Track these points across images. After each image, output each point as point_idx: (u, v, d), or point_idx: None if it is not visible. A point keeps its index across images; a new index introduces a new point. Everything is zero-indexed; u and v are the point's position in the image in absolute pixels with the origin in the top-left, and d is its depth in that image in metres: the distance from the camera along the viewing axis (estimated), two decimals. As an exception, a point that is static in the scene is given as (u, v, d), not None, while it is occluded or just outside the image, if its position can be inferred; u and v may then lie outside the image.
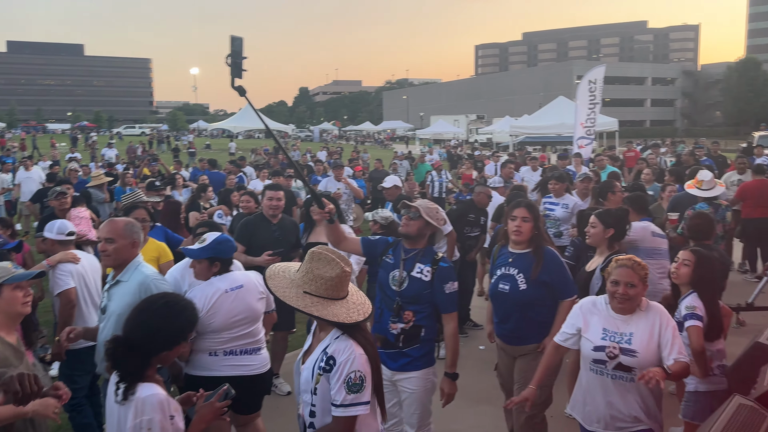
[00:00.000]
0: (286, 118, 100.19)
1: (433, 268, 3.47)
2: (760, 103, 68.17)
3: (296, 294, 2.33)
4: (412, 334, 3.46)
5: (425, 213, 3.50)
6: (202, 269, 3.60)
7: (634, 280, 2.95)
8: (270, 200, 5.34)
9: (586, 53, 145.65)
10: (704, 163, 11.99)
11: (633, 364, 2.92)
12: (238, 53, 3.11)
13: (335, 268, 2.33)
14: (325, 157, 28.51)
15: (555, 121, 21.78)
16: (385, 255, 3.61)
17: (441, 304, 3.49)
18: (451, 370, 3.52)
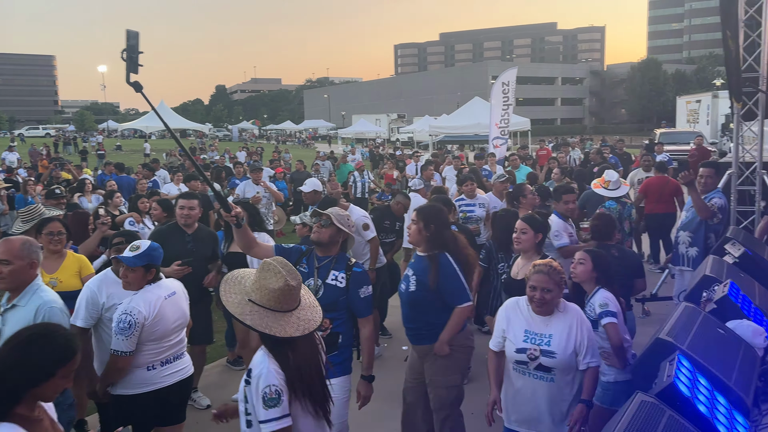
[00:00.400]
0: (202, 117, 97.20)
1: (347, 274, 3.51)
2: (660, 101, 72.63)
3: (240, 300, 2.33)
4: (329, 342, 3.44)
5: (336, 220, 3.53)
6: (137, 278, 3.49)
7: (550, 285, 3.08)
8: (182, 209, 5.11)
9: (500, 54, 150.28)
10: (610, 161, 12.67)
11: (552, 365, 3.06)
12: (134, 48, 3.05)
13: (279, 281, 2.33)
14: (244, 157, 27.85)
15: (471, 121, 22.36)
16: (299, 264, 3.57)
17: (357, 309, 3.53)
18: (367, 372, 3.57)
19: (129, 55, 3.03)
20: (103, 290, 3.73)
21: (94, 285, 3.77)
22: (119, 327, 3.35)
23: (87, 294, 3.71)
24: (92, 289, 3.73)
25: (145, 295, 3.48)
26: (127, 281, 3.51)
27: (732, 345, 3.13)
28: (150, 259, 3.49)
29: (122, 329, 3.34)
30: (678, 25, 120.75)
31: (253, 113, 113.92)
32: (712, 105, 27.03)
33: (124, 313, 3.38)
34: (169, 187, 11.26)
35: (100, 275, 3.89)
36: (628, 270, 4.64)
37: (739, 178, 7.55)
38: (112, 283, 3.78)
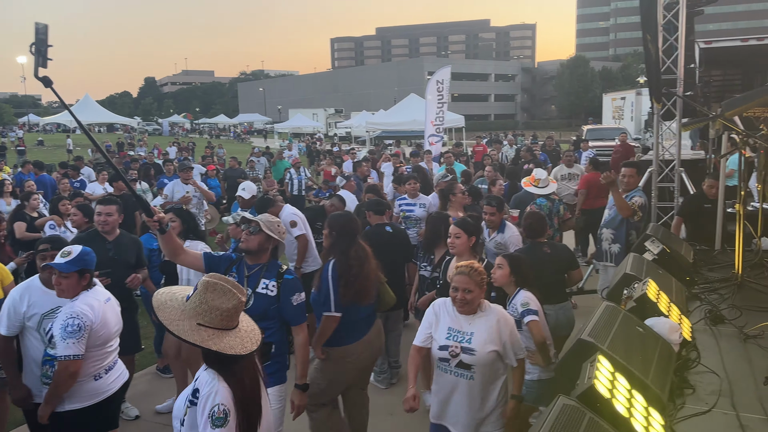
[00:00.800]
0: (131, 111, 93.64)
1: (278, 282, 3.44)
2: (588, 97, 75.44)
3: (190, 327, 2.23)
4: (262, 353, 3.39)
5: (266, 227, 3.47)
6: (71, 284, 3.38)
7: (471, 286, 3.15)
8: (99, 216, 4.90)
9: (435, 49, 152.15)
10: (540, 158, 13.06)
11: (472, 362, 3.13)
12: (43, 41, 2.93)
13: (232, 300, 2.26)
14: (175, 153, 27.04)
15: (408, 117, 22.52)
16: (229, 273, 3.49)
17: (290, 317, 3.48)
18: (301, 381, 3.53)
19: (38, 49, 2.91)
20: (25, 298, 3.65)
21: (17, 293, 3.71)
22: (67, 331, 3.23)
23: (9, 302, 3.65)
24: (14, 298, 3.66)
25: (86, 299, 3.39)
26: (60, 288, 3.40)
27: (650, 342, 3.28)
28: (83, 264, 3.39)
29: (71, 332, 3.23)
30: (605, 24, 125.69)
31: (184, 106, 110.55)
32: (636, 102, 28.24)
33: (71, 317, 3.26)
34: (94, 187, 10.81)
35: (25, 283, 3.80)
36: (563, 264, 4.79)
37: (659, 176, 7.91)
38: (36, 290, 3.70)
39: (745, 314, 4.24)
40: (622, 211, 5.81)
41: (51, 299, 3.65)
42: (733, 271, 5.22)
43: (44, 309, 3.64)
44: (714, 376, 3.33)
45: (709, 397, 3.09)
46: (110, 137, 50.69)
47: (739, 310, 4.28)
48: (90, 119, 45.89)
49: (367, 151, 23.32)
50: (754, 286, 4.87)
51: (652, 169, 7.93)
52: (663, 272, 4.67)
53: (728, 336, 3.94)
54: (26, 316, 3.62)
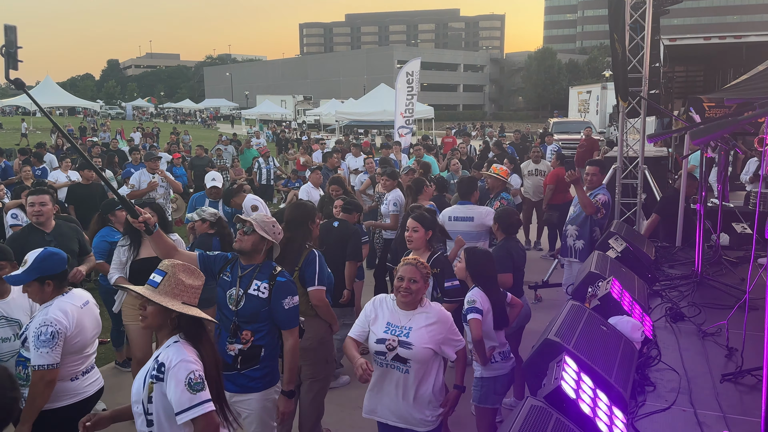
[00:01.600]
0: (93, 94, 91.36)
1: (270, 284, 3.34)
2: (555, 89, 76.42)
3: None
4: (250, 355, 3.33)
5: (259, 227, 3.37)
6: (35, 292, 3.26)
7: (416, 276, 3.19)
8: (32, 207, 4.82)
9: (405, 38, 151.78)
10: (508, 150, 13.21)
11: (408, 356, 3.15)
12: (12, 42, 2.92)
13: (199, 278, 2.60)
14: (139, 139, 26.47)
15: (377, 107, 22.50)
16: (224, 272, 3.42)
17: (280, 320, 3.37)
18: (287, 387, 3.42)
19: (8, 51, 2.90)
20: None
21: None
22: (40, 340, 3.11)
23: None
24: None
25: (60, 305, 3.26)
26: (30, 297, 3.34)
27: (613, 341, 3.39)
28: (41, 271, 3.24)
29: (45, 341, 3.12)
30: (572, 16, 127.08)
31: (148, 90, 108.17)
32: (601, 96, 28.74)
33: (44, 325, 3.14)
34: (57, 174, 10.51)
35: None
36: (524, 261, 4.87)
37: (623, 173, 8.10)
38: None
39: (704, 311, 4.41)
40: (586, 208, 5.94)
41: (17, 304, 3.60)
42: (692, 269, 5.41)
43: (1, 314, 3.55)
44: (674, 374, 3.46)
45: (669, 395, 3.21)
46: (72, 121, 49.33)
47: (698, 308, 4.45)
48: (51, 102, 44.55)
49: (335, 141, 23.27)
50: (713, 283, 5.05)
51: (617, 165, 8.12)
52: (626, 270, 4.81)
53: (688, 333, 4.09)
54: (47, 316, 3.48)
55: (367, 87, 64.86)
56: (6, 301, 3.59)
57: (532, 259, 9.62)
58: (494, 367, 3.64)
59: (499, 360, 3.68)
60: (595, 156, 14.42)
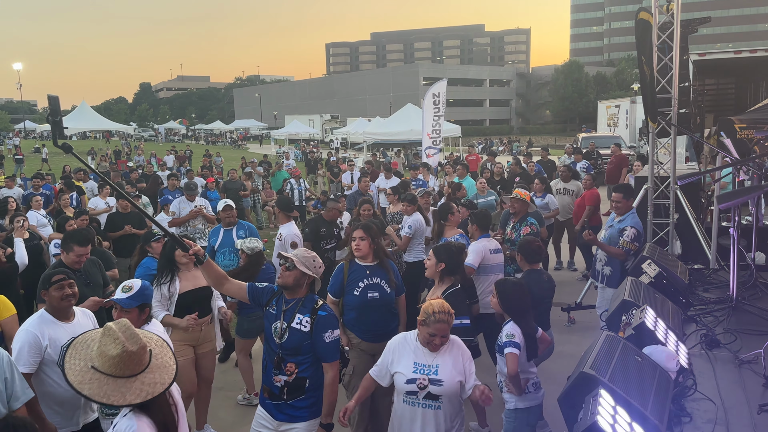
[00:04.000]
0: (126, 117, 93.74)
1: (312, 317, 3.44)
2: (583, 102, 75.81)
3: (82, 367, 2.30)
4: (295, 386, 3.44)
5: (300, 263, 3.46)
6: (132, 319, 3.34)
7: (448, 331, 3.29)
8: (79, 257, 4.85)
9: (430, 54, 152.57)
10: (536, 169, 13.19)
11: (440, 393, 3.24)
12: (56, 111, 3.14)
13: (117, 347, 2.28)
14: (172, 162, 27.08)
15: (405, 127, 22.72)
16: (269, 305, 3.54)
17: (321, 353, 3.44)
18: (326, 420, 3.46)
19: (53, 120, 3.14)
20: (45, 333, 3.57)
21: (34, 328, 3.58)
22: None
23: (26, 338, 3.52)
24: (33, 333, 3.55)
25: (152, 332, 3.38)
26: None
27: (648, 371, 3.41)
28: (144, 298, 3.41)
29: None
30: (599, 29, 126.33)
31: (180, 112, 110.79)
32: (630, 110, 28.48)
33: None
34: (97, 201, 10.76)
35: (35, 318, 3.69)
36: (552, 291, 4.90)
37: (654, 193, 8.07)
38: (50, 324, 3.63)
39: (740, 338, 4.39)
40: (616, 257, 5.89)
41: (65, 331, 3.64)
42: (727, 293, 5.37)
43: (62, 341, 3.57)
44: (710, 404, 3.46)
45: (705, 426, 3.23)
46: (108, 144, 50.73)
47: (734, 335, 4.43)
48: (87, 126, 46.14)
49: (364, 161, 23.46)
50: (749, 308, 5.02)
51: (648, 186, 8.09)
52: (659, 296, 4.81)
53: (723, 361, 4.08)
54: (47, 352, 3.55)
55: (394, 104, 65.52)
56: (72, 324, 3.70)
57: (565, 280, 9.63)
58: (528, 398, 3.70)
59: (532, 390, 3.75)
60: (624, 173, 14.30)
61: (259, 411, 3.61)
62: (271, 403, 3.50)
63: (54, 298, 3.68)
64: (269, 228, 14.94)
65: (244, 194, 14.47)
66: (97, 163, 27.90)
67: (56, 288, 3.69)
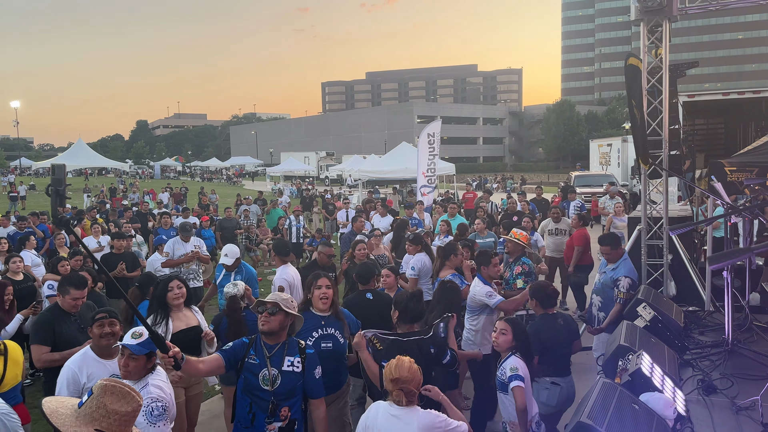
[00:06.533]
0: (122, 154, 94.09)
1: (302, 357, 3.51)
2: (575, 140, 76.74)
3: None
4: (288, 431, 3.46)
5: (284, 306, 3.50)
6: (138, 366, 3.31)
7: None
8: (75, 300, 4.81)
9: (424, 93, 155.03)
10: (530, 208, 13.29)
11: None
12: (59, 181, 3.13)
13: (131, 402, 2.25)
14: (167, 199, 27.13)
15: (399, 165, 22.91)
16: (248, 357, 3.50)
17: (312, 390, 3.53)
18: None
19: (55, 189, 3.11)
20: (83, 370, 3.71)
21: (74, 365, 3.72)
22: (154, 415, 3.21)
23: (67, 374, 3.67)
24: (73, 370, 3.68)
25: (156, 382, 3.35)
26: (127, 370, 3.31)
27: (645, 420, 3.39)
28: (152, 346, 3.38)
29: (158, 416, 3.22)
30: (589, 68, 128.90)
31: (176, 149, 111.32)
32: (622, 149, 28.84)
33: (154, 402, 3.23)
34: (88, 240, 10.66)
35: (79, 353, 3.83)
36: (572, 335, 4.88)
37: (647, 234, 8.12)
38: (92, 362, 3.79)
39: (736, 383, 4.37)
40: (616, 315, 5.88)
41: (106, 368, 3.76)
42: (723, 336, 5.37)
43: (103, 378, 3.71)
44: (709, 453, 3.43)
45: (704, 476, 3.19)
46: (103, 180, 50.79)
47: (731, 380, 4.41)
48: (83, 164, 46.22)
49: (358, 197, 23.54)
50: (745, 352, 5.01)
51: (641, 227, 8.15)
52: (655, 340, 4.80)
53: (721, 407, 4.05)
54: (84, 388, 3.63)
55: (388, 141, 66.32)
56: (114, 361, 3.78)
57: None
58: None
59: (536, 430, 3.71)
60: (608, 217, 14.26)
61: None
62: None
63: (95, 336, 3.87)
64: (263, 267, 14.88)
65: (237, 233, 14.47)
66: (92, 201, 27.90)
67: (98, 326, 3.86)
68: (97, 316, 3.89)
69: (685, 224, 7.42)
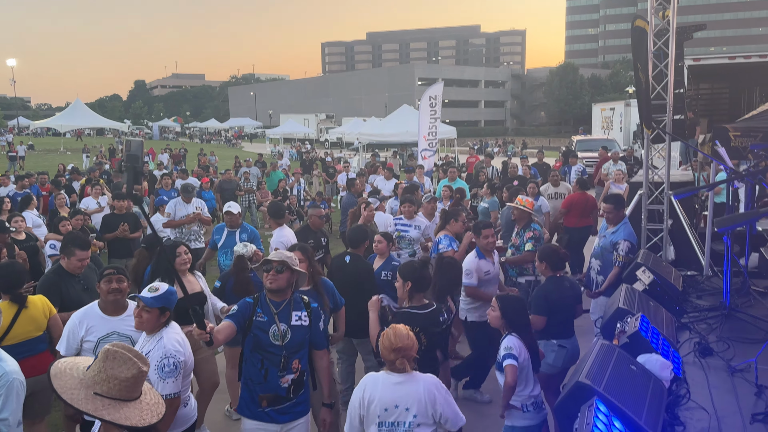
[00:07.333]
0: (120, 114, 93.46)
1: (308, 311, 3.64)
2: (577, 104, 76.02)
3: (85, 396, 2.18)
4: (299, 382, 3.59)
5: (291, 263, 3.60)
6: (151, 319, 3.47)
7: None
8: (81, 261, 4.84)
9: (426, 55, 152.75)
10: (531, 172, 13.26)
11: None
12: (136, 158, 2.92)
13: (132, 368, 2.23)
14: (167, 160, 27.02)
15: (400, 129, 22.73)
16: (255, 315, 3.54)
17: (317, 342, 3.69)
18: (328, 400, 3.81)
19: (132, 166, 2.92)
20: (84, 323, 3.87)
21: (77, 318, 3.91)
22: (165, 371, 3.33)
23: (70, 326, 3.89)
24: (74, 322, 3.89)
25: (171, 335, 3.48)
26: (140, 320, 3.47)
27: (642, 381, 3.45)
28: (166, 302, 3.49)
29: (170, 372, 3.34)
30: (594, 31, 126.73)
31: (174, 110, 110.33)
32: (625, 113, 28.60)
33: (166, 357, 3.35)
34: (88, 201, 10.70)
35: (85, 308, 3.98)
36: (577, 298, 4.91)
37: (648, 198, 8.12)
38: (94, 316, 3.92)
39: (732, 346, 4.43)
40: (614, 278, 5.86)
41: (108, 324, 3.89)
42: (721, 300, 5.42)
43: (101, 333, 3.84)
44: (703, 413, 3.50)
45: (698, 435, 3.26)
46: (101, 141, 50.53)
47: (727, 343, 4.47)
48: (81, 124, 45.90)
49: (358, 160, 23.45)
50: (741, 316, 5.06)
51: (642, 192, 8.14)
52: (654, 303, 4.85)
53: (717, 369, 4.12)
54: (83, 341, 3.82)
55: (389, 104, 65.61)
56: (121, 317, 3.97)
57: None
58: (527, 417, 3.67)
59: (531, 410, 3.69)
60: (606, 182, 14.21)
61: (253, 425, 3.57)
62: (271, 410, 3.53)
63: (102, 291, 3.94)
64: (264, 229, 14.92)
65: (239, 194, 14.46)
66: (92, 161, 27.81)
67: (106, 281, 3.95)
68: (106, 271, 3.98)
69: (688, 188, 7.41)
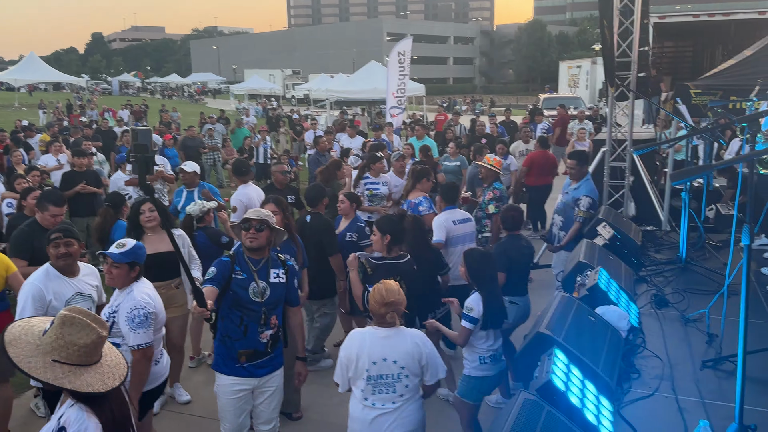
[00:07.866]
0: (78, 68, 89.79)
1: (285, 268, 3.69)
2: (545, 62, 75.92)
3: (43, 364, 2.11)
4: (276, 336, 3.66)
5: (270, 222, 3.61)
6: (120, 274, 3.51)
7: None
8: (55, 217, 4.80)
9: (394, 9, 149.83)
10: (498, 131, 13.33)
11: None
12: (145, 147, 2.76)
13: (91, 334, 2.16)
14: (128, 116, 26.25)
15: (368, 85, 22.43)
16: (234, 273, 3.54)
17: (292, 299, 3.79)
18: (302, 354, 3.91)
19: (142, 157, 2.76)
20: (49, 287, 3.72)
21: (40, 282, 3.73)
22: (136, 322, 3.38)
23: (31, 291, 3.69)
24: (38, 287, 3.71)
25: (141, 288, 3.53)
26: (111, 276, 3.52)
27: (600, 331, 3.58)
28: (135, 257, 3.51)
29: (140, 323, 3.39)
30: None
31: (134, 64, 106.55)
32: (591, 71, 28.81)
33: (136, 308, 3.41)
34: (47, 159, 10.39)
35: (41, 272, 3.79)
36: (532, 256, 4.99)
37: (611, 156, 8.26)
38: (55, 278, 3.79)
39: (687, 298, 4.62)
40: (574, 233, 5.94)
41: (69, 286, 3.80)
42: (677, 254, 5.61)
43: (66, 296, 3.77)
44: (657, 360, 3.67)
45: (652, 381, 3.42)
46: (58, 96, 48.68)
47: (682, 294, 4.65)
48: (36, 78, 43.96)
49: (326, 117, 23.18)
50: (697, 269, 5.26)
51: (605, 149, 8.27)
52: (613, 257, 5.00)
53: (671, 320, 4.30)
54: (50, 306, 3.69)
55: (357, 60, 64.55)
56: (78, 278, 3.88)
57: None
58: (483, 368, 3.67)
59: (489, 362, 3.69)
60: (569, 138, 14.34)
61: (230, 380, 3.59)
62: (249, 365, 3.56)
63: (52, 256, 3.80)
64: (230, 187, 14.73)
65: (203, 151, 14.18)
66: (49, 117, 26.87)
67: (53, 246, 3.80)
68: (53, 235, 3.80)
69: (649, 144, 7.55)
